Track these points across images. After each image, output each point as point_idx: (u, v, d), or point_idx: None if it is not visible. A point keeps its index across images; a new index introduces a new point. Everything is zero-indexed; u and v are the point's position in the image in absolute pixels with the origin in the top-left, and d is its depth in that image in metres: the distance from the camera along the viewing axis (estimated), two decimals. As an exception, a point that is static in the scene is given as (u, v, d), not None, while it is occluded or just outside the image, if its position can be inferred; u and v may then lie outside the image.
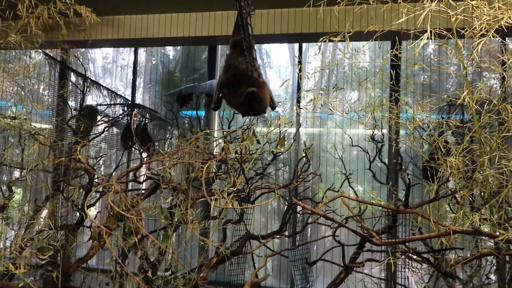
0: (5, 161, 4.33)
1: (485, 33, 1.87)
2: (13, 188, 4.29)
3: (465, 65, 2.23)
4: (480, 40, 1.84)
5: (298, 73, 3.82)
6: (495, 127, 2.61)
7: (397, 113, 2.95)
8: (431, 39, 1.89)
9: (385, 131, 3.37)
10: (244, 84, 2.40)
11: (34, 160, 3.79)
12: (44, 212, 4.33)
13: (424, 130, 2.90)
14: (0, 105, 4.72)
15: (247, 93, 2.35)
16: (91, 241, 4.02)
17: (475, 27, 1.86)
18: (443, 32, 2.06)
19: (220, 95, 2.63)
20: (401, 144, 3.49)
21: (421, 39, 1.76)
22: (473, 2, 1.85)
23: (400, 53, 2.68)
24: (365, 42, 3.20)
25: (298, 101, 6.08)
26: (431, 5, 1.81)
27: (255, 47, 2.74)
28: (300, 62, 5.89)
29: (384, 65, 4.46)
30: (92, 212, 5.09)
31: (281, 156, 5.00)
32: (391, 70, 4.22)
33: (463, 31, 2.02)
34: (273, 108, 2.78)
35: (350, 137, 4.30)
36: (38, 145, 3.62)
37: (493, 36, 1.82)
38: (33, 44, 3.80)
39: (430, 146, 2.99)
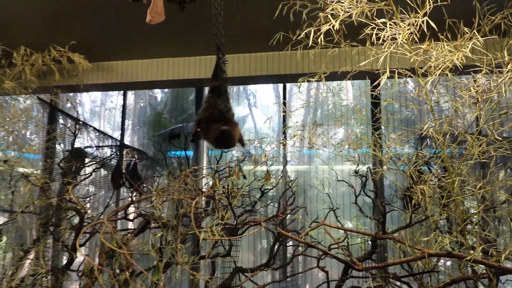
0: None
1: (443, 71, 2.11)
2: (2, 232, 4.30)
3: (430, 100, 2.46)
4: (429, 79, 2.08)
5: (283, 111, 4.03)
6: (463, 156, 2.82)
7: (378, 147, 3.14)
8: (394, 77, 2.11)
9: (370, 165, 3.55)
10: (219, 122, 2.83)
11: (26, 202, 3.84)
12: (32, 255, 4.32)
13: (402, 162, 3.09)
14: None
15: (220, 130, 2.81)
16: (80, 282, 4.02)
17: (431, 66, 2.10)
18: (405, 72, 2.30)
19: (198, 129, 3.02)
20: (386, 177, 3.66)
21: (381, 79, 1.98)
22: (424, 46, 2.10)
23: (374, 91, 2.91)
24: (345, 81, 3.44)
25: (284, 138, 6.29)
26: (389, 49, 2.05)
27: (241, 88, 3.04)
28: (284, 103, 6.16)
29: (366, 102, 4.73)
30: (83, 253, 5.07)
31: (269, 193, 5.12)
32: (372, 106, 4.48)
33: (421, 70, 2.26)
34: (242, 145, 3.18)
35: (336, 172, 4.46)
36: (30, 186, 3.70)
37: (446, 74, 2.06)
38: (27, 90, 3.98)
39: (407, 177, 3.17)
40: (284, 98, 6.68)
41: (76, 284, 4.53)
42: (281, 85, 6.98)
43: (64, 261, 4.13)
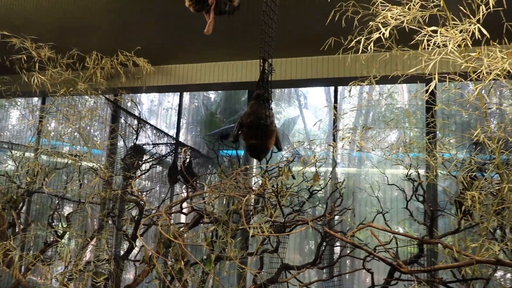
0: (65, 194, 4.82)
1: (495, 77, 2.09)
2: (70, 220, 4.74)
3: (484, 105, 2.43)
4: (479, 85, 2.06)
5: (334, 114, 4.09)
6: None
7: (430, 152, 3.11)
8: (445, 81, 2.12)
9: (422, 170, 3.50)
10: (257, 129, 3.10)
11: (92, 193, 4.22)
12: (96, 242, 4.72)
13: (454, 168, 3.04)
14: (60, 145, 5.28)
15: (249, 144, 3.15)
16: (136, 270, 4.33)
17: (483, 72, 2.08)
18: (456, 77, 2.29)
19: (239, 132, 3.29)
20: (437, 183, 3.59)
21: (430, 86, 2.00)
22: (474, 54, 2.09)
23: (427, 95, 2.89)
24: (400, 84, 3.44)
25: (334, 141, 6.31)
26: (440, 55, 2.06)
27: (293, 90, 3.18)
28: (335, 106, 6.18)
29: (419, 105, 4.63)
30: (137, 244, 5.44)
31: (318, 194, 5.18)
32: (426, 110, 4.39)
33: (474, 75, 2.24)
34: (279, 149, 3.42)
35: (386, 176, 4.41)
36: (98, 179, 4.06)
37: (500, 79, 2.04)
38: (96, 91, 4.37)
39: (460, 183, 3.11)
40: (335, 100, 6.69)
41: (131, 273, 4.88)
42: (332, 87, 6.99)
43: (124, 250, 4.48)
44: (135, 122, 5.14)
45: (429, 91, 1.92)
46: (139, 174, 5.23)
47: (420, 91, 2.86)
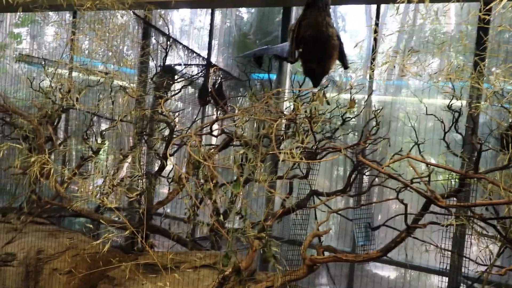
0: (98, 112, 4.87)
1: None
2: (105, 137, 4.85)
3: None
4: None
5: (374, 35, 3.74)
6: None
7: (478, 81, 2.82)
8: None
9: (464, 101, 3.23)
10: (320, 47, 2.61)
11: (124, 112, 4.22)
12: (130, 159, 4.85)
13: (508, 99, 2.76)
14: (91, 63, 5.23)
15: (306, 70, 2.77)
16: (169, 187, 4.46)
17: None
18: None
19: (296, 49, 2.80)
20: (482, 115, 3.33)
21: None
22: None
23: (487, 15, 2.54)
24: (448, 4, 3.05)
25: (373, 66, 5.94)
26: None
27: (330, 10, 2.81)
28: (377, 24, 5.70)
29: (470, 30, 4.17)
30: (173, 162, 5.58)
31: (351, 122, 4.99)
32: (478, 34, 3.95)
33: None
34: (345, 67, 2.95)
35: (425, 106, 4.15)
36: (127, 98, 4.03)
37: None
38: (123, 4, 4.15)
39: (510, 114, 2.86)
40: (377, 21, 6.16)
41: (165, 189, 5.06)
42: (374, 7, 6.41)
43: (156, 168, 4.59)
44: (164, 40, 4.95)
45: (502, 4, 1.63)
46: (170, 95, 5.17)
47: (477, 11, 2.50)
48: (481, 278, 3.01)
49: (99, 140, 4.73)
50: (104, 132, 4.78)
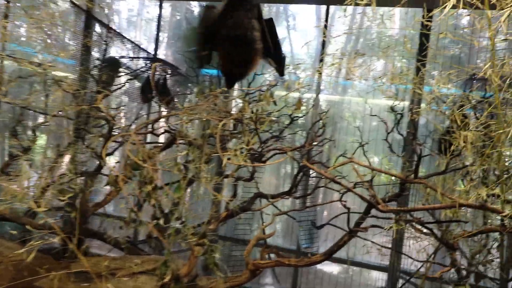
0: (29, 106, 4.47)
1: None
2: (37, 133, 4.46)
3: (493, 37, 2.16)
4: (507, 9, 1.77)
5: (323, 36, 3.74)
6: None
7: (419, 84, 2.89)
8: (458, 7, 1.82)
9: (406, 103, 3.31)
10: (239, 50, 2.51)
11: (58, 106, 3.90)
12: (66, 158, 4.51)
13: (447, 104, 2.85)
14: (26, 51, 4.81)
15: (223, 71, 2.65)
16: (109, 188, 4.20)
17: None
18: (473, 1, 1.98)
19: (211, 50, 2.69)
20: (422, 117, 3.43)
21: (445, 7, 1.71)
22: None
23: (429, 21, 2.58)
24: (393, 9, 3.09)
25: (321, 66, 5.99)
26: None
27: (281, 8, 2.73)
28: (326, 26, 5.74)
29: (413, 34, 4.29)
30: (112, 161, 5.26)
31: (299, 121, 4.99)
32: (421, 39, 4.09)
33: (493, 1, 1.94)
34: (281, 75, 3.15)
35: (370, 106, 4.24)
36: (62, 92, 3.72)
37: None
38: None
39: (448, 120, 2.95)
40: (326, 22, 6.22)
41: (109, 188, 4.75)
42: (324, 8, 6.48)
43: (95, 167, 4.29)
44: (105, 32, 4.65)
45: (445, 12, 1.62)
46: (112, 90, 4.87)
47: (417, 18, 2.55)
48: (419, 274, 3.11)
49: (31, 137, 4.34)
50: (36, 128, 4.41)
